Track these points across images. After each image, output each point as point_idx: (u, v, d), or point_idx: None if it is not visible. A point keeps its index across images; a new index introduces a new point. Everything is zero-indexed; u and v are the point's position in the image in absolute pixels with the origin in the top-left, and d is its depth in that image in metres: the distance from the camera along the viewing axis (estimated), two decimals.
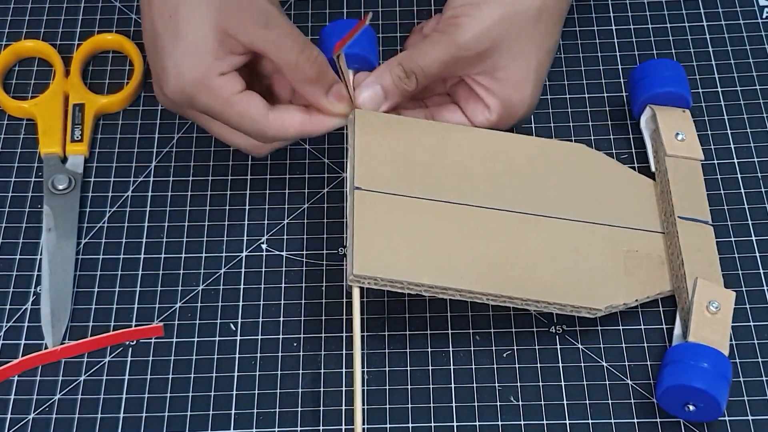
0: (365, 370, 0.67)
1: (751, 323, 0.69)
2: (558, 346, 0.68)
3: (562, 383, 0.67)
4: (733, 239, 0.72)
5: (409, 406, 0.66)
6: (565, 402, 0.66)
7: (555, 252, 0.67)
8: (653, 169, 0.74)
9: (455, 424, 0.65)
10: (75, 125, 0.77)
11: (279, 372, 0.67)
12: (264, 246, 0.72)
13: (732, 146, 0.76)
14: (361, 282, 0.64)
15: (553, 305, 0.65)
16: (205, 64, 0.65)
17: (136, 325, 0.69)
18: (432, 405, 0.66)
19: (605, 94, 0.79)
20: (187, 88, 0.66)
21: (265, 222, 0.73)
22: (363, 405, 0.64)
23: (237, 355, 0.68)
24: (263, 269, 0.71)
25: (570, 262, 0.67)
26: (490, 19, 0.69)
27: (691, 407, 0.64)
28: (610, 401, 0.66)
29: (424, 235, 0.66)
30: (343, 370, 0.67)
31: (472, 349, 0.68)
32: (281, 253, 0.72)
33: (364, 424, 0.65)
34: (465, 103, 0.72)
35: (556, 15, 0.71)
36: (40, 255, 0.72)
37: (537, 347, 0.68)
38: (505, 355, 0.68)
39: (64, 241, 0.72)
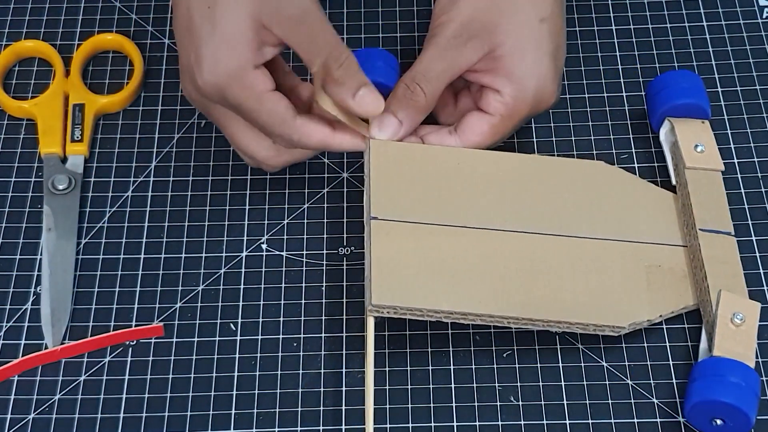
0: (365, 370, 0.67)
1: None
2: (558, 347, 0.68)
3: (562, 383, 0.67)
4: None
5: (410, 406, 0.66)
6: (565, 402, 0.66)
7: (576, 271, 0.67)
8: (674, 182, 0.73)
9: (455, 424, 0.65)
10: (75, 125, 0.77)
11: (279, 372, 0.67)
12: (264, 246, 0.72)
13: (732, 146, 0.76)
14: (380, 312, 0.64)
15: (575, 325, 0.65)
16: (242, 56, 0.65)
17: (136, 325, 0.69)
18: (432, 405, 0.66)
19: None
20: (221, 79, 0.65)
21: (265, 222, 0.73)
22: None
23: (237, 355, 0.68)
24: (263, 269, 0.71)
25: (591, 281, 0.66)
26: (471, 6, 0.68)
27: (719, 422, 0.63)
28: (610, 401, 0.66)
29: (442, 261, 0.66)
30: (343, 370, 0.67)
31: (472, 349, 0.68)
32: (281, 253, 0.72)
33: None
34: (479, 100, 0.71)
35: None
36: (40, 255, 0.72)
37: (537, 347, 0.68)
38: (505, 355, 0.68)
39: (64, 241, 0.72)
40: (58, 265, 0.71)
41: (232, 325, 0.69)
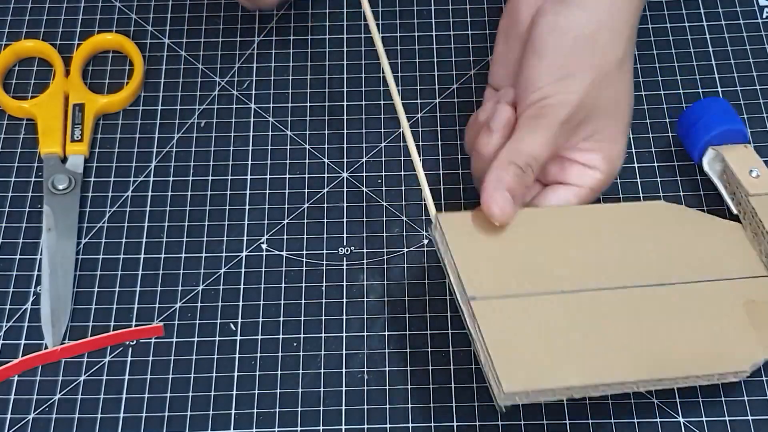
0: (365, 370, 0.67)
1: None
2: None
3: None
4: None
5: (409, 406, 0.66)
6: (564, 402, 0.66)
7: (683, 320, 0.64)
8: (735, 211, 0.71)
9: (455, 424, 0.65)
10: (75, 125, 0.77)
11: (279, 372, 0.67)
12: (264, 246, 0.72)
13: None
14: (513, 399, 0.60)
15: (702, 377, 0.63)
16: None
17: (136, 325, 0.69)
18: (432, 405, 0.66)
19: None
20: None
21: (265, 222, 0.73)
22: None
23: (237, 355, 0.68)
24: (263, 269, 0.71)
25: (700, 328, 0.64)
26: (582, 90, 0.66)
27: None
28: (610, 401, 0.66)
29: (556, 333, 0.62)
30: (343, 370, 0.67)
31: (472, 348, 0.68)
32: (281, 253, 0.72)
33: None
34: (568, 175, 0.69)
35: (631, 52, 0.70)
36: (40, 255, 0.72)
37: None
38: None
39: (64, 241, 0.72)
40: (58, 265, 0.71)
41: (232, 325, 0.69)
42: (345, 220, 0.73)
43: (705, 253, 0.68)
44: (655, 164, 0.75)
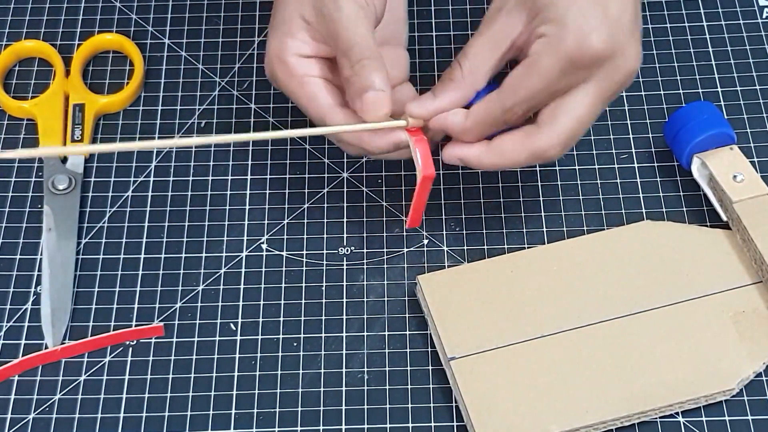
0: (365, 370, 0.67)
1: None
2: None
3: None
4: None
5: (409, 406, 0.66)
6: None
7: (667, 345, 0.65)
8: (724, 218, 0.71)
9: (455, 424, 0.65)
10: (75, 125, 0.77)
11: (279, 372, 0.67)
12: (264, 246, 0.72)
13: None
14: None
15: (687, 402, 0.63)
16: (282, 42, 0.67)
17: (136, 325, 0.69)
18: (432, 405, 0.66)
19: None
20: (268, 62, 0.67)
21: (265, 222, 0.73)
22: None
23: (237, 355, 0.68)
24: (263, 269, 0.71)
25: (685, 350, 0.64)
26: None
27: None
28: None
29: (534, 381, 0.64)
30: (343, 370, 0.67)
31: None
32: (281, 253, 0.72)
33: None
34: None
35: None
36: (41, 255, 0.72)
37: None
38: None
39: (64, 241, 0.72)
40: (58, 265, 0.71)
41: (232, 325, 0.69)
42: (345, 220, 0.73)
43: (691, 269, 0.68)
44: (655, 164, 0.75)
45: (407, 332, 0.69)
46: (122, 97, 0.79)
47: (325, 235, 0.73)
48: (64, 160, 0.76)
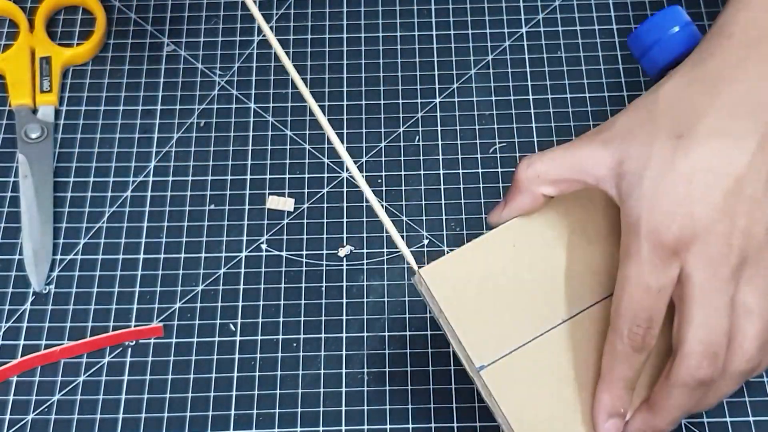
0: (365, 370, 0.67)
1: None
2: None
3: None
4: None
5: (410, 406, 0.66)
6: None
7: None
8: None
9: (455, 425, 0.65)
10: (43, 77, 0.79)
11: (279, 373, 0.67)
12: (264, 246, 0.72)
13: None
14: None
15: None
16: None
17: (135, 326, 0.69)
18: (432, 406, 0.66)
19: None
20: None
21: (265, 222, 0.73)
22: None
23: (236, 356, 0.68)
24: (263, 269, 0.71)
25: None
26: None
27: None
28: None
29: (565, 373, 0.58)
30: (343, 370, 0.67)
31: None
32: (281, 253, 0.72)
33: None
34: None
35: None
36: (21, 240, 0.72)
37: None
38: None
39: (40, 186, 0.74)
40: (37, 209, 0.73)
41: (231, 326, 0.69)
42: (345, 220, 0.73)
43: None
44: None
45: (407, 333, 0.69)
46: (87, 48, 0.81)
47: (325, 235, 0.73)
48: (35, 111, 0.78)
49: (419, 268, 0.59)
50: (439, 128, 0.77)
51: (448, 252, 0.70)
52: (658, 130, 0.57)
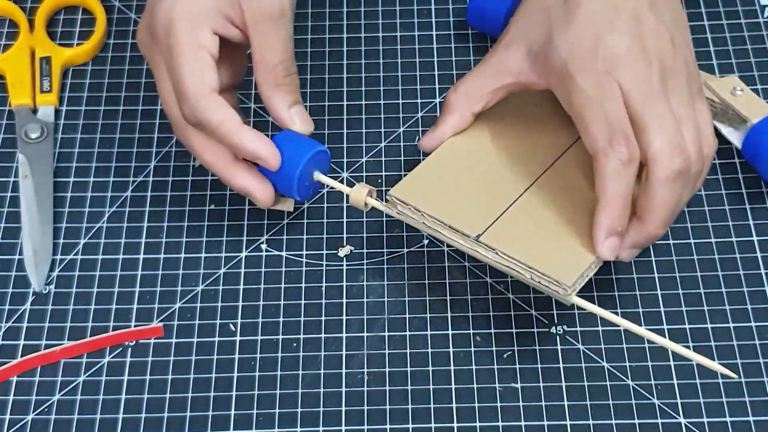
0: (365, 370, 0.67)
1: (752, 323, 0.68)
2: (559, 347, 0.68)
3: (563, 384, 0.67)
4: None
5: (410, 407, 0.66)
6: (565, 403, 0.66)
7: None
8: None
9: (455, 425, 0.65)
10: (43, 77, 0.79)
11: (279, 373, 0.67)
12: (264, 246, 0.72)
13: (732, 147, 0.76)
14: (575, 289, 0.62)
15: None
16: (201, 7, 0.65)
17: (135, 326, 0.69)
18: (432, 406, 0.66)
19: None
20: (174, 17, 0.65)
21: (265, 222, 0.73)
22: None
23: (236, 356, 0.68)
24: (263, 269, 0.71)
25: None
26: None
27: None
28: (610, 402, 0.66)
29: (547, 222, 0.65)
30: (343, 370, 0.67)
31: (472, 349, 0.68)
32: (281, 253, 0.72)
33: (364, 424, 0.65)
34: None
35: None
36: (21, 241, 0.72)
37: (537, 348, 0.68)
38: (505, 355, 0.68)
39: (40, 186, 0.74)
40: (37, 209, 0.73)
41: (231, 326, 0.69)
42: (345, 220, 0.73)
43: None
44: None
45: (407, 333, 0.69)
46: (87, 48, 0.81)
47: (325, 235, 0.73)
48: (35, 111, 0.78)
49: (387, 192, 0.67)
50: None
51: (447, 252, 0.71)
52: (547, 8, 0.65)
